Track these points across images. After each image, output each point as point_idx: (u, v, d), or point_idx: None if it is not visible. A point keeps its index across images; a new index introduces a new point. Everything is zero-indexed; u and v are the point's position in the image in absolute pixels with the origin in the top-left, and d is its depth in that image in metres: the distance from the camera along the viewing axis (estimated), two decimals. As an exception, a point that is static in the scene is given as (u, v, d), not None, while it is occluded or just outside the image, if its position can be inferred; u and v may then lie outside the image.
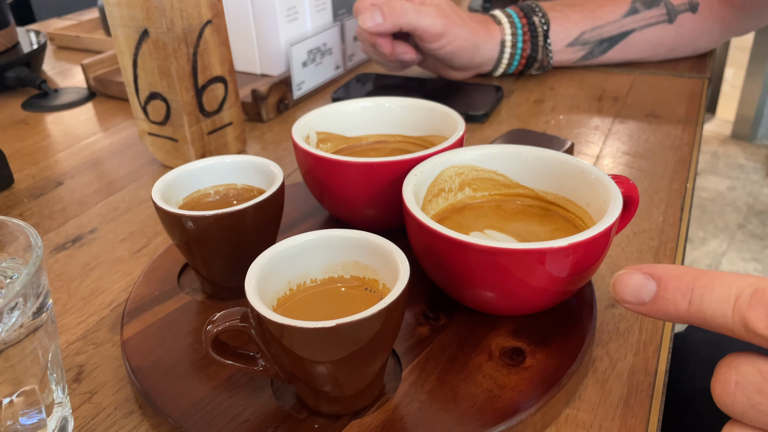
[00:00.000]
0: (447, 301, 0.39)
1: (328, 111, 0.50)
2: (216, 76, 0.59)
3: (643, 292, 0.27)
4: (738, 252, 1.87)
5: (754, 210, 2.06)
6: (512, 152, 0.42)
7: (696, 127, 0.65)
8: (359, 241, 0.34)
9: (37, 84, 0.81)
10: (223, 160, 0.43)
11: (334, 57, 0.79)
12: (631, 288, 0.27)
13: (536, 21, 0.74)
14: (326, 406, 0.32)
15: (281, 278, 0.34)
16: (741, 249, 1.89)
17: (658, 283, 0.27)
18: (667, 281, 0.27)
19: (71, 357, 0.39)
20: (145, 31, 0.54)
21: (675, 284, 0.26)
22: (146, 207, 0.56)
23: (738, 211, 2.06)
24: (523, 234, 0.40)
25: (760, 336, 0.24)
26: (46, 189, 0.60)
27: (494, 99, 0.70)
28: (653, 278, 0.27)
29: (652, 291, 0.27)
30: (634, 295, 0.27)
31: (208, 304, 0.41)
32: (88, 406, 0.36)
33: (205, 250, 0.39)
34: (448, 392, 0.33)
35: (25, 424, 0.30)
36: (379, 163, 0.41)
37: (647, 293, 0.27)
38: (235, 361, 0.32)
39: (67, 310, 0.44)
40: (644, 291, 0.27)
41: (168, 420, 0.32)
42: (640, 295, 0.27)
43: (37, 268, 0.29)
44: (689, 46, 0.79)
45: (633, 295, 0.27)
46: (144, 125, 0.60)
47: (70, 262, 0.49)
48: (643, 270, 0.27)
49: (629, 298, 0.28)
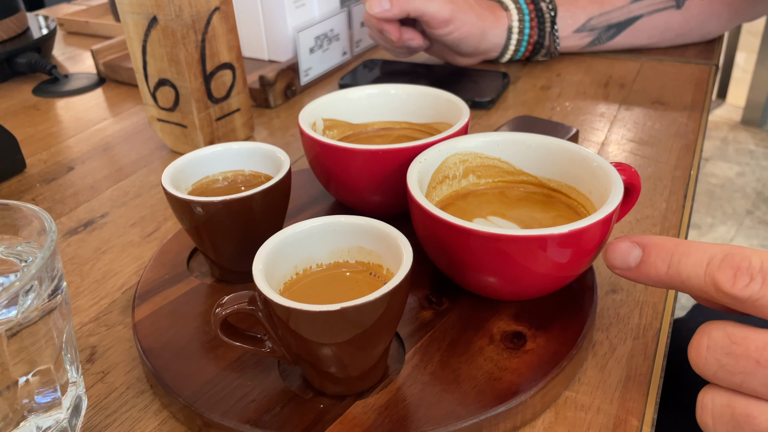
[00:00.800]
0: (450, 286, 0.40)
1: (334, 98, 0.50)
2: (224, 63, 0.59)
3: (630, 257, 0.30)
4: (746, 238, 1.87)
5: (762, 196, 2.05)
6: (516, 140, 0.43)
7: (702, 114, 0.65)
8: (364, 227, 0.35)
9: (48, 69, 0.82)
10: (231, 146, 0.44)
11: (341, 43, 0.79)
12: (620, 254, 0.30)
13: (543, 7, 0.74)
14: (331, 386, 0.33)
15: (288, 263, 0.35)
16: (749, 235, 1.88)
17: (643, 250, 0.30)
18: (650, 248, 0.29)
19: (84, 338, 0.40)
20: (154, 17, 0.54)
21: (657, 251, 0.29)
22: (156, 192, 0.57)
23: (747, 197, 2.05)
24: (525, 220, 0.41)
25: (727, 295, 0.27)
26: (57, 174, 0.61)
27: (501, 85, 0.70)
28: (639, 246, 0.30)
29: (637, 257, 0.30)
30: (622, 261, 0.30)
31: (216, 288, 0.42)
32: (101, 385, 0.37)
33: (214, 234, 0.40)
34: (450, 374, 0.34)
35: (40, 402, 0.32)
36: (384, 150, 0.42)
37: (633, 259, 0.30)
38: (243, 343, 0.33)
39: (80, 292, 0.45)
40: (630, 257, 0.30)
41: (178, 399, 0.34)
42: (627, 260, 0.30)
43: (52, 251, 0.30)
44: (697, 31, 0.79)
45: (621, 261, 0.30)
46: (153, 111, 0.61)
47: (82, 245, 0.50)
48: (631, 239, 0.30)
49: (618, 263, 0.31)
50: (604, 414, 0.34)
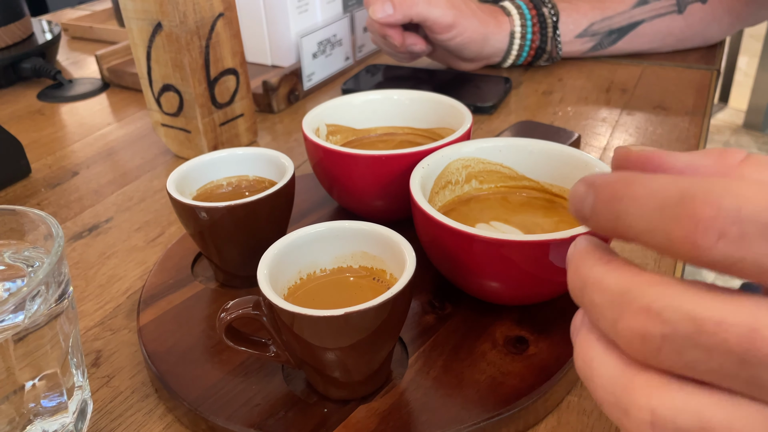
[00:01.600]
0: (453, 291, 0.40)
1: (337, 103, 0.51)
2: (228, 68, 0.60)
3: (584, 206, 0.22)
4: (748, 242, 1.87)
5: (765, 200, 2.05)
6: (518, 145, 0.43)
7: (703, 119, 0.65)
8: (368, 233, 0.35)
9: (52, 75, 0.82)
10: (235, 152, 0.44)
11: (344, 48, 0.80)
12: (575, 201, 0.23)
13: (546, 12, 0.75)
14: (335, 391, 0.34)
15: (292, 268, 0.35)
16: (751, 239, 1.88)
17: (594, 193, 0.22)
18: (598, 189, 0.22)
19: (90, 342, 0.41)
20: (159, 24, 0.55)
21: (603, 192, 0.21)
22: (160, 197, 0.57)
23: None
24: (528, 226, 0.41)
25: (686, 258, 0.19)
26: (62, 179, 0.61)
27: (503, 90, 0.71)
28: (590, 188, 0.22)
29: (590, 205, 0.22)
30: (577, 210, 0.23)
31: (221, 292, 0.42)
32: (107, 389, 0.37)
33: (218, 239, 0.40)
34: (453, 379, 0.34)
35: (46, 406, 0.32)
36: (388, 155, 0.42)
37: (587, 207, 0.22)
38: (247, 348, 0.33)
39: (85, 297, 0.45)
40: (585, 205, 0.22)
41: (183, 403, 0.34)
42: (582, 209, 0.23)
43: (59, 257, 0.30)
44: (699, 36, 0.79)
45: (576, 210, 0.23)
46: (157, 116, 0.61)
47: (87, 250, 0.50)
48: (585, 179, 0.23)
49: (577, 215, 0.23)
50: (606, 418, 0.34)
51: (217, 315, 0.33)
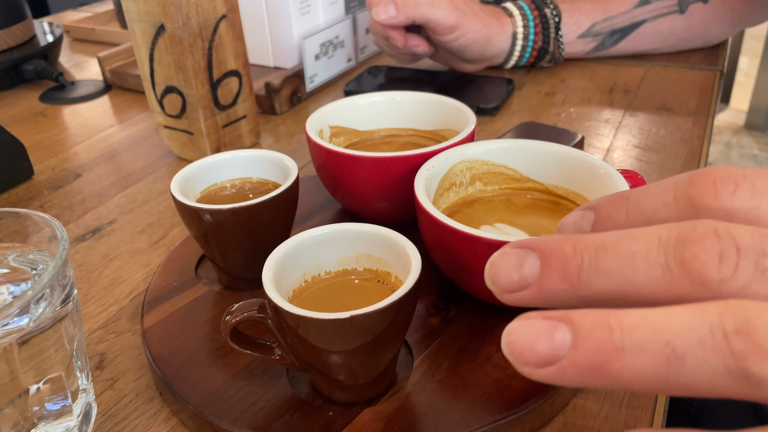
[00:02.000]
0: (458, 293, 0.40)
1: (340, 105, 0.51)
2: (231, 70, 0.59)
3: (583, 222, 0.24)
4: (750, 243, 1.86)
5: (767, 201, 2.05)
6: (522, 147, 0.43)
7: (707, 119, 0.65)
8: (372, 235, 0.35)
9: (55, 76, 0.82)
10: (239, 154, 0.44)
11: (347, 50, 0.80)
12: (571, 224, 0.24)
13: (548, 13, 0.74)
14: (340, 394, 0.33)
15: (297, 270, 0.35)
16: (753, 240, 1.88)
17: (594, 210, 0.24)
18: (600, 203, 0.24)
19: (93, 345, 0.41)
20: (162, 26, 0.55)
21: (608, 201, 0.23)
22: (163, 199, 0.57)
23: (751, 201, 2.05)
24: (532, 227, 0.41)
25: (710, 210, 0.20)
26: (65, 181, 0.61)
27: (505, 92, 0.71)
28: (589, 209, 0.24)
29: (590, 219, 0.24)
30: (576, 229, 0.24)
31: (225, 295, 0.42)
32: (111, 392, 0.37)
33: (222, 242, 0.40)
34: (459, 381, 0.34)
35: (51, 409, 0.32)
36: (392, 157, 0.42)
37: (586, 222, 0.24)
38: (252, 351, 0.33)
39: (89, 299, 0.45)
40: (583, 221, 0.24)
41: (187, 406, 0.34)
42: (581, 226, 0.24)
43: (64, 260, 0.30)
44: (701, 36, 0.79)
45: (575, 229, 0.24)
46: (160, 118, 0.61)
47: (90, 252, 0.50)
48: (580, 207, 0.25)
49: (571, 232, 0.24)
50: (612, 421, 0.34)
51: (221, 318, 0.32)
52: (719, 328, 0.17)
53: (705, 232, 0.18)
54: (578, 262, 0.20)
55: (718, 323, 0.17)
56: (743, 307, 0.17)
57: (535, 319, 0.19)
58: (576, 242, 0.20)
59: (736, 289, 0.18)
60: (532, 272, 0.21)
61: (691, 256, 0.18)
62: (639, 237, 0.19)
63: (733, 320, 0.17)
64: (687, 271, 0.18)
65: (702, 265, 0.18)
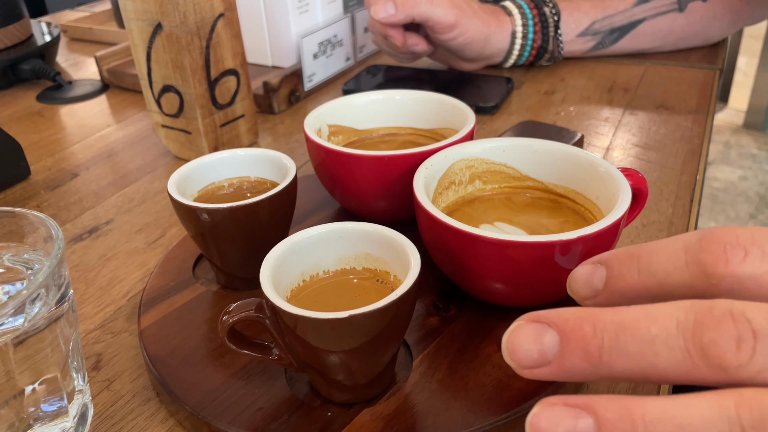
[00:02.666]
0: (457, 293, 0.40)
1: (339, 104, 0.50)
2: (228, 69, 0.59)
3: (595, 279, 0.24)
4: (749, 242, 1.86)
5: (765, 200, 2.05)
6: (522, 145, 0.43)
7: (707, 118, 0.65)
8: (371, 234, 0.34)
9: (52, 76, 0.82)
10: (237, 153, 0.44)
11: (345, 49, 0.79)
12: (583, 280, 0.24)
13: (547, 12, 0.74)
14: (339, 394, 0.33)
15: (295, 270, 0.34)
16: (752, 239, 1.87)
17: (606, 266, 0.24)
18: (612, 260, 0.24)
19: (90, 345, 0.40)
20: (159, 24, 0.54)
21: (619, 260, 0.24)
22: (161, 198, 0.57)
23: (750, 201, 2.05)
24: (532, 226, 0.40)
25: (722, 277, 0.21)
26: (62, 180, 0.61)
27: (504, 90, 0.70)
28: (600, 264, 0.24)
29: (602, 276, 0.24)
30: (588, 287, 0.24)
31: (222, 295, 0.42)
32: (107, 393, 0.37)
33: (220, 241, 0.40)
34: (458, 381, 0.34)
35: (47, 410, 0.31)
36: (390, 156, 0.42)
37: (599, 279, 0.24)
38: (250, 351, 0.33)
39: (85, 299, 0.45)
40: (595, 278, 0.24)
41: (185, 407, 0.33)
42: (593, 283, 0.24)
43: (59, 259, 0.30)
44: (700, 35, 0.79)
45: (587, 287, 0.24)
46: (157, 117, 0.61)
47: (87, 252, 0.50)
48: (588, 261, 0.25)
49: (585, 292, 0.25)
50: (613, 421, 0.33)
51: (219, 318, 0.32)
52: (737, 425, 0.18)
53: (721, 315, 0.19)
54: (599, 343, 0.20)
55: (736, 418, 0.18)
56: (759, 401, 0.18)
57: (558, 407, 0.20)
58: (595, 321, 0.20)
59: (753, 373, 0.19)
60: (552, 349, 0.21)
61: (710, 342, 0.19)
62: (658, 319, 0.20)
63: (750, 415, 0.18)
64: (706, 357, 0.19)
65: (721, 351, 0.19)
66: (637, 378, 0.20)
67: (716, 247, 0.21)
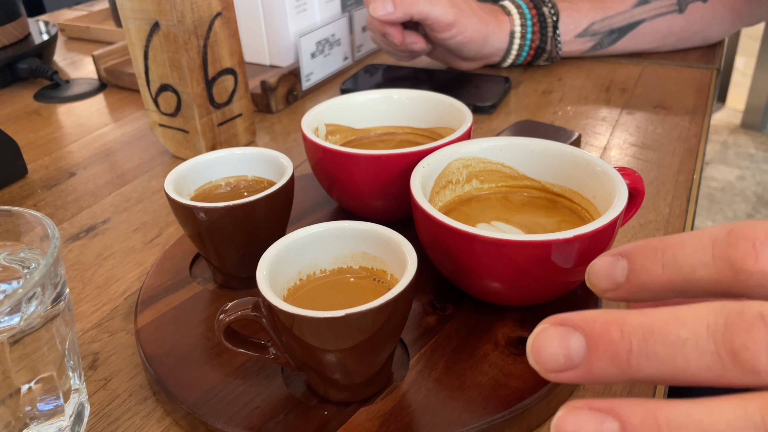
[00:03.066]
0: (454, 292, 0.40)
1: (336, 103, 0.50)
2: (226, 68, 0.59)
3: (616, 271, 0.24)
4: (747, 242, 1.86)
5: (763, 200, 2.05)
6: (519, 144, 0.43)
7: (704, 118, 0.65)
8: (368, 233, 0.34)
9: (49, 75, 0.82)
10: (234, 152, 0.44)
11: (343, 48, 0.79)
12: (604, 273, 0.24)
13: (546, 12, 0.74)
14: (336, 393, 0.33)
15: (291, 269, 0.34)
16: (750, 239, 1.88)
17: (628, 258, 0.23)
18: (635, 253, 0.23)
19: (86, 345, 0.40)
20: (156, 23, 0.54)
21: (643, 253, 0.23)
22: (158, 197, 0.57)
23: (747, 200, 2.05)
24: (529, 226, 0.40)
25: (751, 273, 0.20)
26: (59, 179, 0.61)
27: (502, 90, 0.70)
28: (622, 256, 0.24)
29: (624, 268, 0.23)
30: (608, 279, 0.24)
31: (219, 294, 0.42)
32: (104, 392, 0.37)
33: (217, 240, 0.39)
34: (455, 380, 0.34)
35: (43, 410, 0.31)
36: (388, 155, 0.42)
37: (620, 272, 0.23)
38: (246, 350, 0.33)
39: (82, 298, 0.44)
40: (616, 270, 0.24)
41: (181, 406, 0.33)
42: (614, 276, 0.24)
43: (55, 258, 0.30)
44: (699, 35, 0.79)
45: (608, 280, 0.24)
46: (155, 116, 0.61)
47: (84, 251, 0.50)
48: (610, 253, 0.24)
49: (605, 284, 0.24)
50: (610, 420, 0.33)
51: (215, 317, 0.32)
52: (762, 429, 0.18)
53: (753, 319, 0.19)
54: (627, 347, 0.20)
55: (761, 423, 0.18)
56: None
57: (583, 410, 0.20)
58: (623, 324, 0.20)
59: None
60: (579, 354, 0.21)
61: (742, 346, 0.18)
62: (687, 321, 0.19)
63: None
64: (738, 361, 0.19)
65: (753, 355, 0.18)
66: (665, 381, 0.20)
67: (745, 243, 0.20)
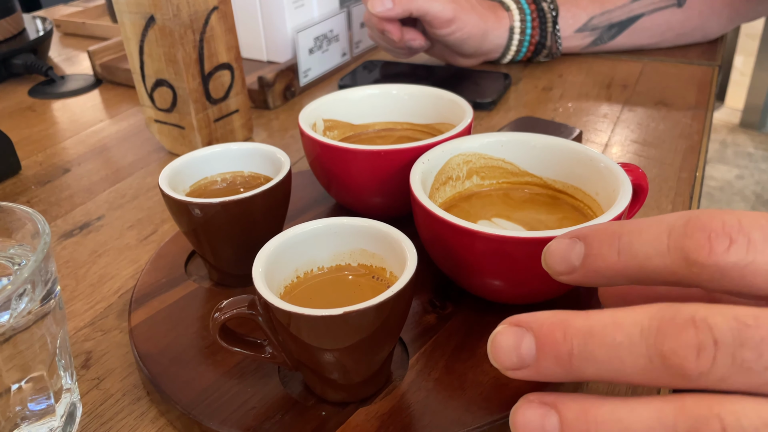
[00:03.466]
0: (454, 290, 0.39)
1: (335, 98, 0.50)
2: (222, 63, 0.58)
3: (572, 255, 0.23)
4: (746, 241, 1.86)
5: (762, 199, 2.05)
6: (520, 140, 0.42)
7: (706, 114, 0.64)
8: (366, 229, 0.34)
9: (44, 71, 0.81)
10: (230, 147, 0.43)
11: (341, 44, 0.79)
12: (560, 255, 0.24)
13: (545, 7, 0.74)
14: (333, 393, 0.32)
15: (288, 266, 0.34)
16: (749, 238, 1.87)
17: (585, 242, 0.23)
18: (592, 237, 0.23)
19: (79, 343, 0.39)
20: (152, 17, 0.53)
21: (600, 237, 0.23)
22: (153, 194, 0.56)
23: (746, 200, 2.05)
24: (530, 222, 0.40)
25: (704, 266, 0.20)
26: (53, 176, 0.60)
27: (502, 86, 0.70)
28: (579, 239, 0.23)
29: (580, 252, 0.23)
30: (564, 262, 0.23)
31: (215, 292, 0.41)
32: (96, 392, 0.36)
33: (213, 237, 0.39)
34: (455, 380, 0.33)
35: (33, 409, 0.31)
36: (387, 150, 0.41)
37: (576, 255, 0.23)
38: (242, 349, 0.32)
39: (75, 296, 0.44)
40: (572, 254, 0.23)
41: (176, 407, 0.33)
42: (570, 259, 0.23)
43: (45, 254, 0.29)
44: (698, 31, 0.78)
45: (563, 262, 0.23)
46: (150, 112, 0.60)
47: (78, 249, 0.49)
48: (567, 234, 0.24)
49: (560, 267, 0.24)
50: (613, 421, 0.33)
51: (210, 315, 0.31)
52: None
53: (684, 323, 0.19)
54: (568, 349, 0.21)
55: (672, 426, 0.19)
56: (696, 410, 0.19)
57: (534, 404, 0.22)
58: (566, 327, 0.21)
59: (714, 381, 0.19)
60: (529, 353, 0.22)
61: (670, 351, 0.19)
62: (624, 325, 0.20)
63: (685, 424, 0.19)
64: (667, 365, 0.19)
65: (681, 360, 0.19)
66: (608, 381, 0.22)
67: (700, 235, 0.20)
